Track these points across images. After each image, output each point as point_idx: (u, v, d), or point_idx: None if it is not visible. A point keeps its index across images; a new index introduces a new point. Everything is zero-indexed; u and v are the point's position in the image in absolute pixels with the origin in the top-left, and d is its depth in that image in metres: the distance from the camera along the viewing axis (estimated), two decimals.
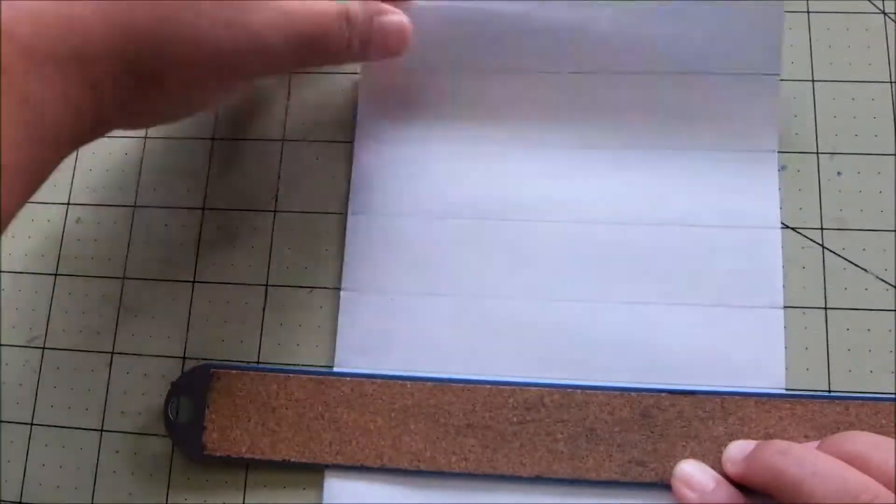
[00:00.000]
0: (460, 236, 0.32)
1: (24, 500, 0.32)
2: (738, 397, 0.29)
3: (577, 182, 0.32)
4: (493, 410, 0.30)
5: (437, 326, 0.31)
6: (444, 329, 0.31)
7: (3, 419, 0.33)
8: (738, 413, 0.29)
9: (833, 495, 0.23)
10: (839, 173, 0.32)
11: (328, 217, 0.33)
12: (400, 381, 0.30)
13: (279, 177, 0.34)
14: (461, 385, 0.30)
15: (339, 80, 0.35)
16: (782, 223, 0.31)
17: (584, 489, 0.29)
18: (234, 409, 0.31)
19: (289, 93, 0.35)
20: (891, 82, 0.33)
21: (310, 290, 0.32)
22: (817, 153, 0.32)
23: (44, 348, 0.33)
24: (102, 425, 0.32)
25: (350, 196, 0.33)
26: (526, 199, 0.32)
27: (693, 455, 0.29)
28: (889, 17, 0.33)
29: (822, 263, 0.31)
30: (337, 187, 0.34)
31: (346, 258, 0.32)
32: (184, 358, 0.33)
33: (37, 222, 0.35)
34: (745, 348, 0.30)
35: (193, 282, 0.33)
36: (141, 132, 0.35)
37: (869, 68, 0.33)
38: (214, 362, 0.32)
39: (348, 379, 0.31)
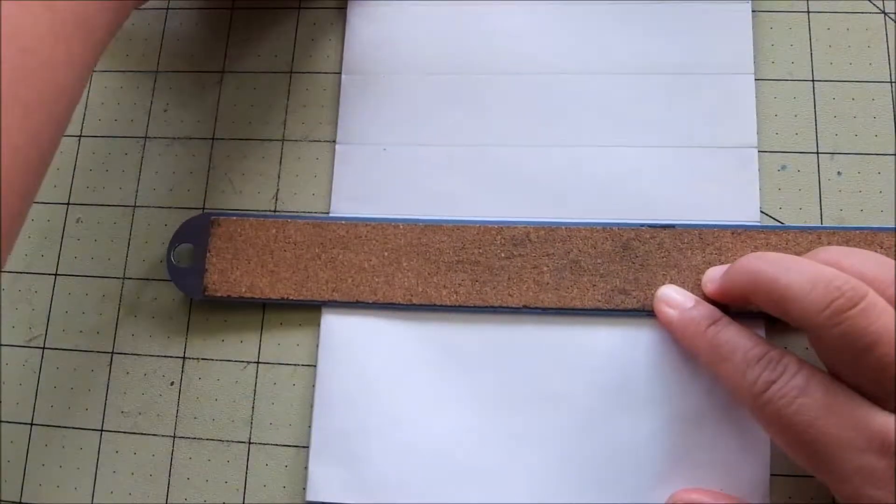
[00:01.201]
0: (447, 90, 0.34)
1: (23, 500, 0.32)
2: (715, 229, 0.30)
3: (556, 34, 0.34)
4: (482, 247, 0.31)
5: (426, 173, 0.33)
6: (432, 176, 0.33)
7: (3, 419, 0.33)
8: (716, 243, 0.30)
9: (807, 283, 0.24)
10: (839, 173, 0.32)
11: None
12: (392, 223, 0.32)
13: (279, 177, 0.34)
14: (451, 225, 0.31)
15: (339, 80, 0.35)
16: (783, 223, 0.31)
17: (569, 317, 0.30)
18: (234, 252, 0.32)
19: (289, 93, 0.35)
20: (891, 82, 0.33)
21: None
22: (817, 153, 0.32)
23: (44, 348, 0.33)
24: (102, 425, 0.32)
25: (343, 57, 0.35)
26: (508, 52, 0.34)
27: (673, 282, 0.30)
28: (889, 17, 0.33)
29: None
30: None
31: (340, 113, 0.34)
32: (184, 358, 0.33)
33: (37, 222, 0.35)
34: (720, 185, 0.32)
35: None
36: (141, 132, 0.35)
37: (869, 68, 0.33)
38: (214, 211, 0.33)
39: (344, 222, 0.32)
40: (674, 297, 0.29)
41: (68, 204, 0.35)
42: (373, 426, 0.30)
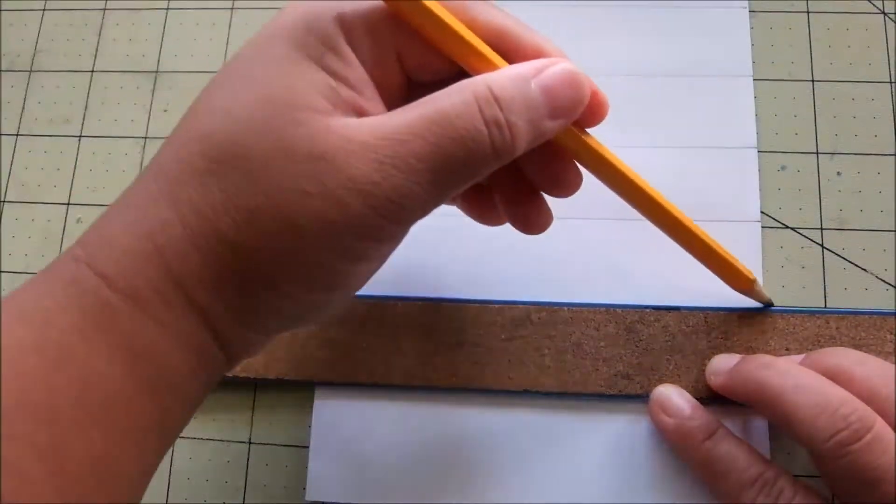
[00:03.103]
0: None
1: None
2: (721, 312, 0.30)
3: (556, 36, 0.34)
4: (483, 328, 0.30)
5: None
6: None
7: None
8: (722, 328, 0.30)
9: (814, 407, 0.24)
10: (839, 173, 0.32)
11: None
12: (391, 301, 0.31)
13: None
14: (451, 304, 0.31)
15: None
16: (782, 223, 0.31)
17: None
18: None
19: None
20: (891, 82, 0.33)
21: None
22: (817, 153, 0.32)
23: None
24: None
25: None
26: None
27: (677, 368, 0.29)
28: (889, 17, 0.33)
29: (822, 263, 0.31)
30: None
31: None
32: None
33: (37, 222, 0.35)
34: (721, 185, 0.32)
35: None
36: (141, 131, 0.35)
37: (869, 68, 0.33)
38: None
39: None
40: (671, 403, 0.28)
41: (68, 204, 0.35)
42: (373, 428, 0.30)
